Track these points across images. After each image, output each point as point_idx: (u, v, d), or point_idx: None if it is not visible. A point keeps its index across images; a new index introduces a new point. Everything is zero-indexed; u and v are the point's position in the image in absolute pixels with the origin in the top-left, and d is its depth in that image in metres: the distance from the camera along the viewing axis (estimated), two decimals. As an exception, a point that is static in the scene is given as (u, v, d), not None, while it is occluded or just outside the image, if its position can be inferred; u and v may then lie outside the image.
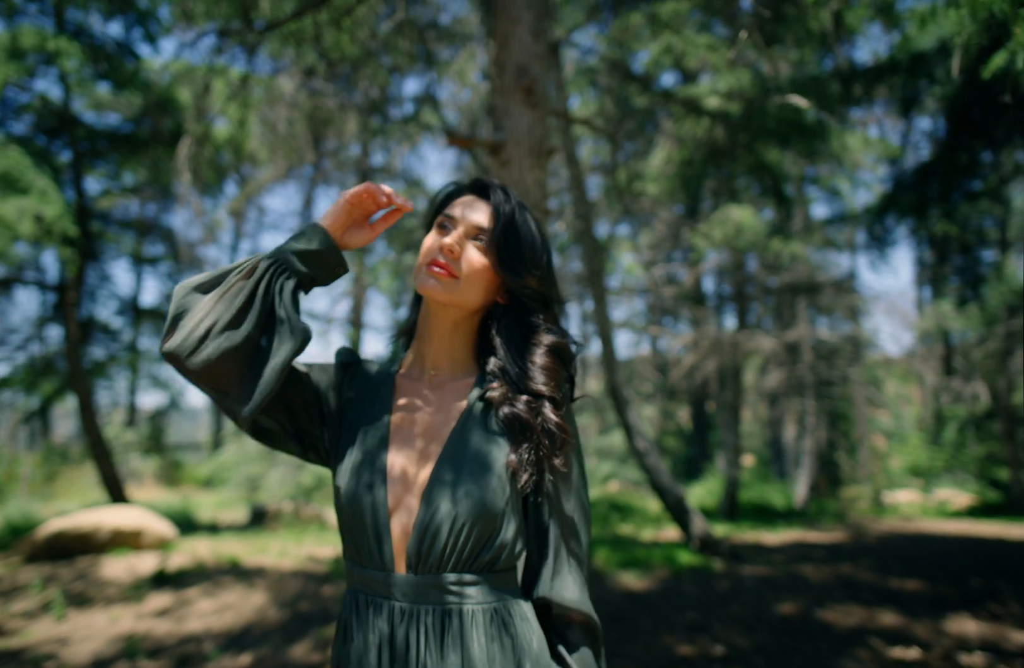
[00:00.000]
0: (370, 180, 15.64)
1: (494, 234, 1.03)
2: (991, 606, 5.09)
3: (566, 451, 1.04)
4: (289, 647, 4.31)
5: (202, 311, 0.89)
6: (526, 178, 3.37)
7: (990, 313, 10.64)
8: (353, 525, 0.99)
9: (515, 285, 1.05)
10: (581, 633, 1.01)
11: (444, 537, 0.95)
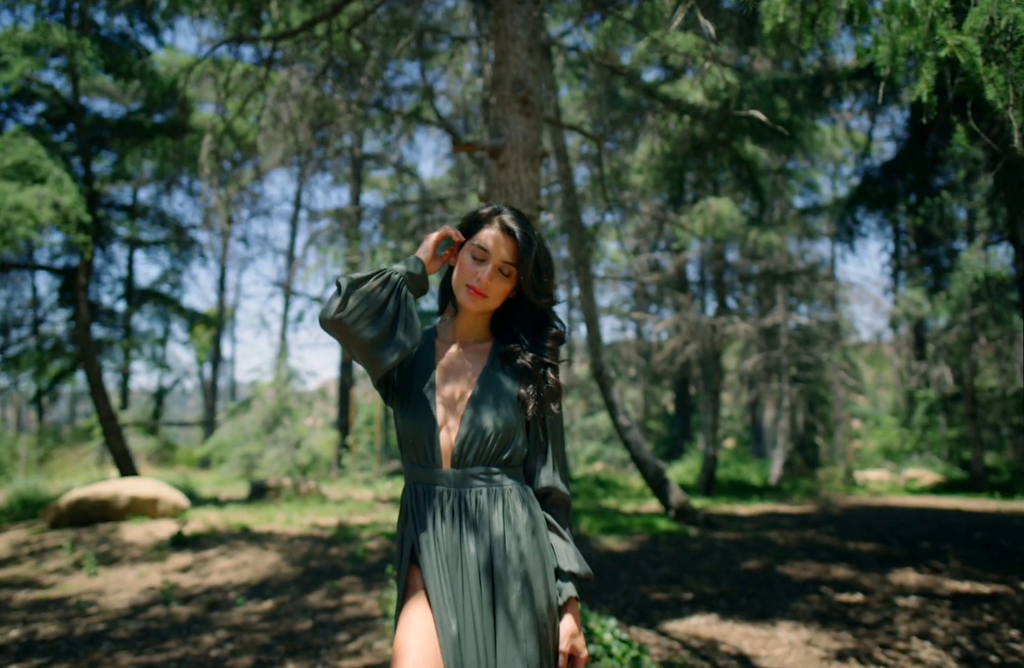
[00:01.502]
0: (363, 168, 15.96)
1: (522, 269, 1.48)
2: (933, 563, 5.67)
3: (559, 401, 1.54)
4: (306, 595, 4.80)
5: (357, 299, 1.35)
6: (522, 179, 3.84)
7: (957, 301, 11.23)
8: (414, 438, 1.46)
9: (533, 298, 1.52)
10: (563, 508, 1.53)
11: (478, 444, 1.43)
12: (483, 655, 1.34)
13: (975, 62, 2.14)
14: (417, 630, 1.36)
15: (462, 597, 1.37)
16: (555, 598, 1.42)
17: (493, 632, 1.36)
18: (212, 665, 3.49)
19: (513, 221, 1.50)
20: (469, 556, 1.38)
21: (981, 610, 4.30)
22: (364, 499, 10.19)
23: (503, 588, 1.37)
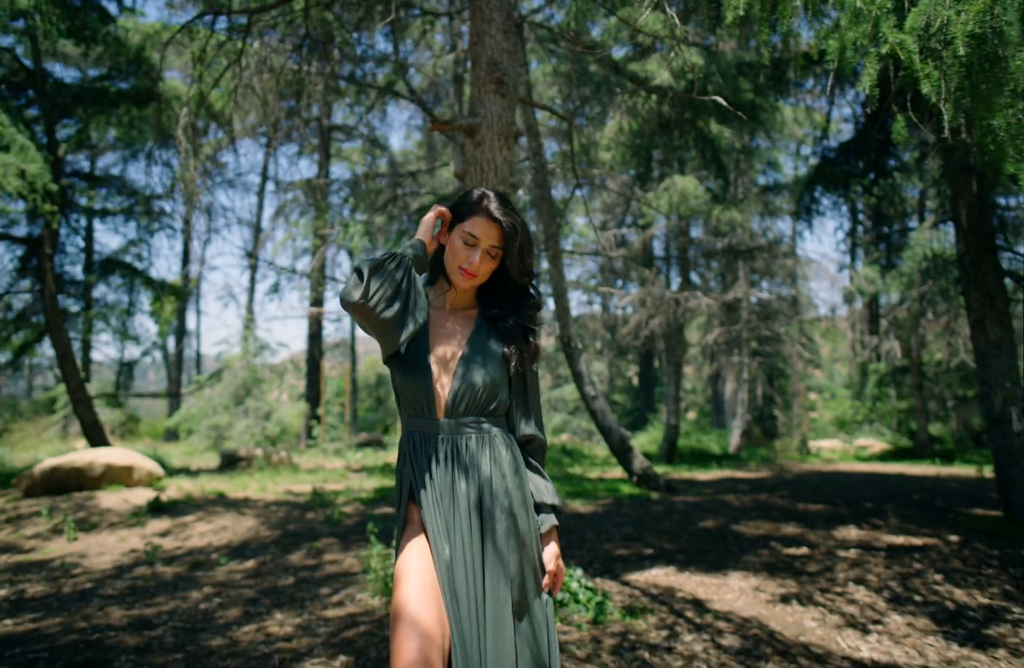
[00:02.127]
0: (331, 140, 15.80)
1: (507, 252, 1.67)
2: (874, 520, 6.11)
3: (536, 360, 1.76)
4: (286, 555, 5.02)
5: (378, 283, 1.53)
6: (496, 157, 4.00)
7: (907, 278, 11.72)
8: (412, 393, 1.66)
9: (517, 276, 1.72)
10: (541, 452, 1.76)
11: (468, 396, 1.64)
12: (472, 577, 1.56)
13: (913, 59, 2.37)
14: (416, 556, 1.59)
15: (454, 528, 1.59)
16: (536, 526, 1.65)
17: (482, 559, 1.58)
18: (202, 617, 3.69)
19: (498, 210, 1.67)
20: (461, 493, 1.60)
21: (911, 559, 4.71)
22: (336, 468, 10.39)
23: (491, 522, 1.59)
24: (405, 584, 1.53)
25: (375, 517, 6.05)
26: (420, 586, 1.53)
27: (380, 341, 1.62)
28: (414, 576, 1.55)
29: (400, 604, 1.51)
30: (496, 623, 1.53)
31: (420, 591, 1.52)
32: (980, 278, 6.34)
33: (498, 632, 1.53)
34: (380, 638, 3.25)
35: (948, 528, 5.74)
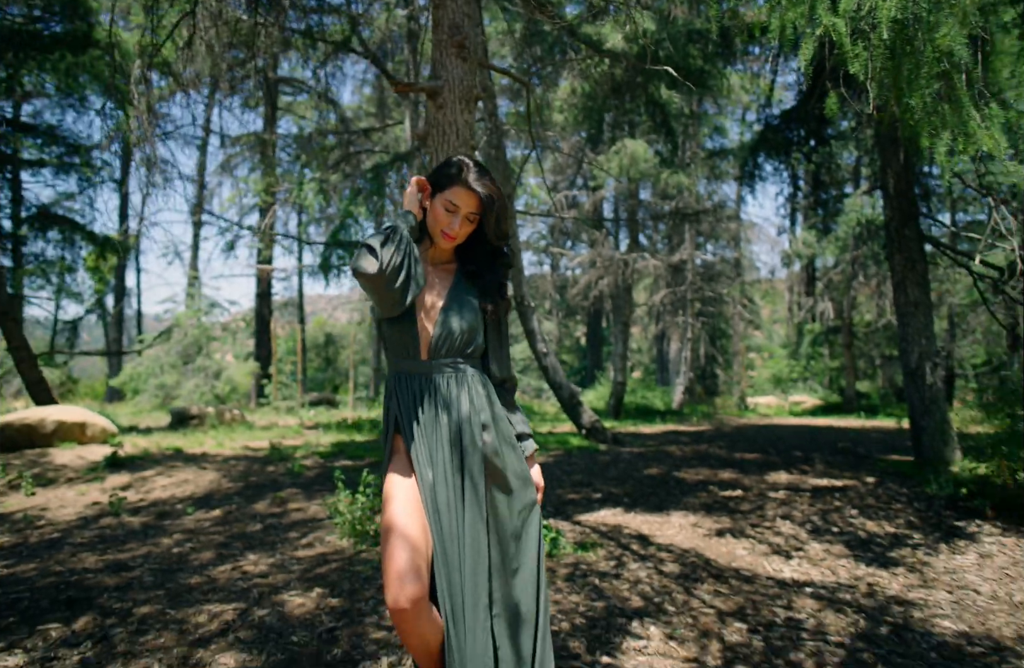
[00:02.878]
0: (277, 92, 15.33)
1: (485, 218, 1.85)
2: (802, 466, 6.64)
3: (508, 312, 1.98)
4: (251, 504, 5.20)
5: (388, 256, 1.70)
6: (458, 120, 4.12)
7: (842, 242, 12.29)
8: (399, 337, 1.86)
9: (493, 240, 1.91)
10: (512, 390, 1.99)
11: (448, 341, 1.84)
12: (453, 497, 1.79)
13: (844, 41, 2.60)
14: (402, 480, 1.81)
15: (436, 455, 1.81)
16: (511, 446, 1.88)
17: (461, 491, 1.81)
18: (177, 559, 3.88)
19: (477, 181, 1.84)
20: (442, 424, 1.83)
21: (832, 498, 5.21)
22: (290, 425, 10.51)
23: (468, 457, 1.81)
24: (393, 503, 1.76)
25: (335, 469, 6.25)
26: (406, 504, 1.76)
27: (385, 305, 1.79)
28: (401, 496, 1.78)
29: (390, 520, 1.73)
30: (472, 536, 1.77)
31: (406, 509, 1.75)
32: (903, 243, 6.80)
33: (475, 543, 1.77)
34: (351, 573, 3.51)
35: (866, 472, 6.30)
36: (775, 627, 2.86)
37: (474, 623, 1.72)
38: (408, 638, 1.69)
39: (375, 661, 2.55)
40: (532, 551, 1.84)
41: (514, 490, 1.84)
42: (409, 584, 1.63)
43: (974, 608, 3.12)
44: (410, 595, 1.62)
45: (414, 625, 1.66)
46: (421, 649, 1.71)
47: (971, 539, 4.18)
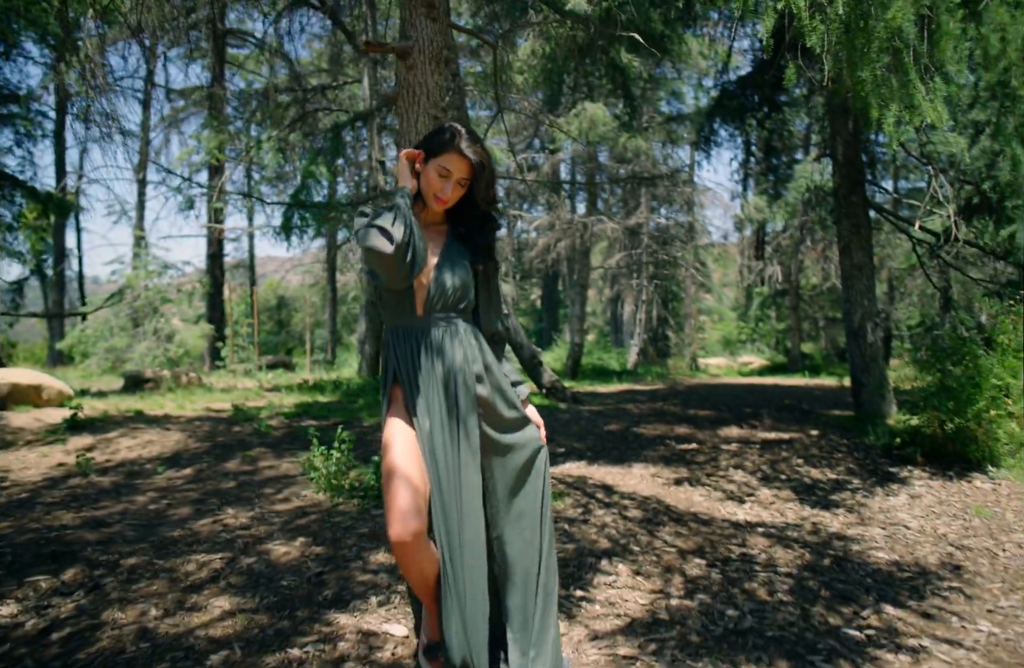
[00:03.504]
0: (224, 43, 14.71)
1: (475, 183, 1.95)
2: (752, 421, 7.02)
3: (497, 271, 2.10)
4: (222, 463, 5.27)
5: (398, 234, 1.79)
6: (428, 81, 4.13)
7: (791, 207, 12.63)
8: (397, 294, 1.98)
9: (482, 204, 2.02)
10: (503, 343, 2.12)
11: (442, 297, 1.96)
12: (450, 446, 1.93)
13: (802, 15, 2.73)
14: (400, 428, 1.94)
15: (433, 405, 1.95)
16: (505, 389, 2.03)
17: (456, 436, 1.95)
18: (155, 515, 3.96)
19: (469, 148, 1.94)
20: (437, 375, 1.95)
21: (780, 449, 5.56)
22: (249, 388, 10.48)
23: (462, 404, 1.95)
24: (393, 448, 1.90)
25: (302, 428, 6.34)
26: (405, 450, 1.90)
27: (394, 280, 1.89)
28: (400, 442, 1.91)
29: (391, 464, 1.87)
30: (466, 477, 1.93)
31: (406, 454, 1.89)
32: (850, 209, 7.11)
33: (468, 484, 1.93)
34: (331, 524, 3.65)
35: (810, 425, 6.70)
36: (731, 562, 3.13)
37: (469, 557, 1.89)
38: (408, 569, 1.85)
39: (364, 600, 2.72)
40: (538, 489, 2.01)
41: (512, 431, 1.99)
42: (411, 520, 1.78)
43: (904, 541, 3.46)
44: (412, 530, 1.78)
45: (414, 557, 1.82)
46: (419, 579, 1.88)
47: (903, 483, 4.56)
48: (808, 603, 2.69)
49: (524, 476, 2.00)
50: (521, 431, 2.02)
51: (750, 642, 2.35)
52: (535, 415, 2.10)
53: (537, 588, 1.98)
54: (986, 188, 5.91)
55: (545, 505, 2.02)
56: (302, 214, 7.12)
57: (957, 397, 5.02)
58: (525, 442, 2.01)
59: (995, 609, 2.66)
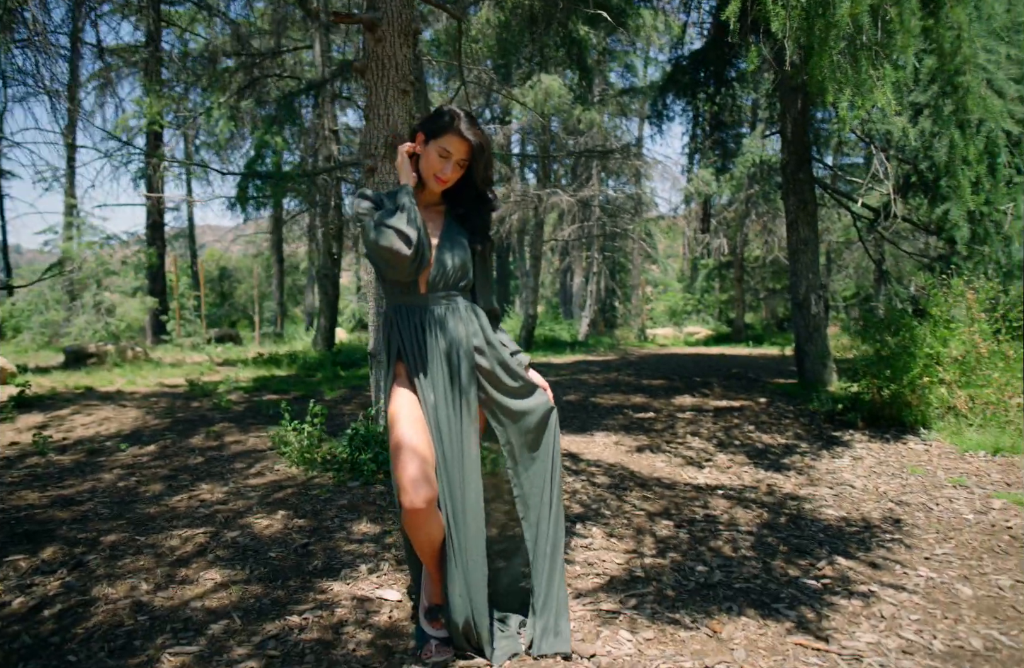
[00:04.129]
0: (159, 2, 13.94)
1: (473, 164, 2.01)
2: (703, 390, 7.32)
3: (492, 250, 2.19)
4: (186, 439, 5.23)
5: (414, 233, 1.90)
6: (397, 54, 4.12)
7: (737, 181, 12.97)
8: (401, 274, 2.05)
9: (480, 184, 2.08)
10: (496, 318, 2.22)
11: (444, 277, 2.04)
12: (454, 418, 2.03)
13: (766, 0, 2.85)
14: (406, 401, 2.03)
15: (436, 379, 2.04)
16: (514, 361, 2.14)
17: (459, 409, 2.05)
18: (126, 493, 3.94)
19: (469, 130, 2.00)
20: (440, 350, 2.04)
21: (732, 416, 5.85)
22: (199, 362, 10.28)
23: (464, 377, 2.04)
24: (400, 422, 1.98)
25: (263, 403, 6.32)
26: (412, 423, 1.99)
27: (401, 275, 1.98)
28: (406, 415, 2.00)
29: (400, 436, 1.96)
30: (467, 447, 2.03)
31: (413, 426, 1.99)
32: (798, 185, 7.37)
33: (468, 452, 2.04)
34: (310, 497, 3.72)
35: (758, 393, 7.04)
36: (696, 522, 3.35)
37: (472, 524, 2.01)
38: (417, 535, 1.96)
39: (354, 568, 2.82)
40: (549, 448, 2.14)
41: (523, 398, 2.11)
42: (423, 488, 1.88)
43: (850, 499, 3.75)
44: (424, 496, 1.88)
45: (425, 523, 1.92)
46: (427, 544, 1.99)
47: (846, 446, 4.89)
48: (769, 557, 2.92)
49: (539, 437, 2.13)
50: (531, 396, 2.13)
51: (720, 594, 2.56)
52: (539, 379, 2.21)
53: (548, 538, 2.13)
54: (923, 168, 6.23)
55: (556, 462, 2.16)
56: (258, 184, 6.93)
57: (893, 365, 5.37)
58: (535, 406, 2.13)
59: (931, 557, 2.95)
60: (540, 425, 2.14)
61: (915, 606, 2.48)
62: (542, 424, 2.15)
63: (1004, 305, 5.54)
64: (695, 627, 2.30)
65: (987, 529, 3.28)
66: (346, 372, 8.41)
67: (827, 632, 2.27)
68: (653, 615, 2.39)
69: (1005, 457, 4.55)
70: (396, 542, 3.10)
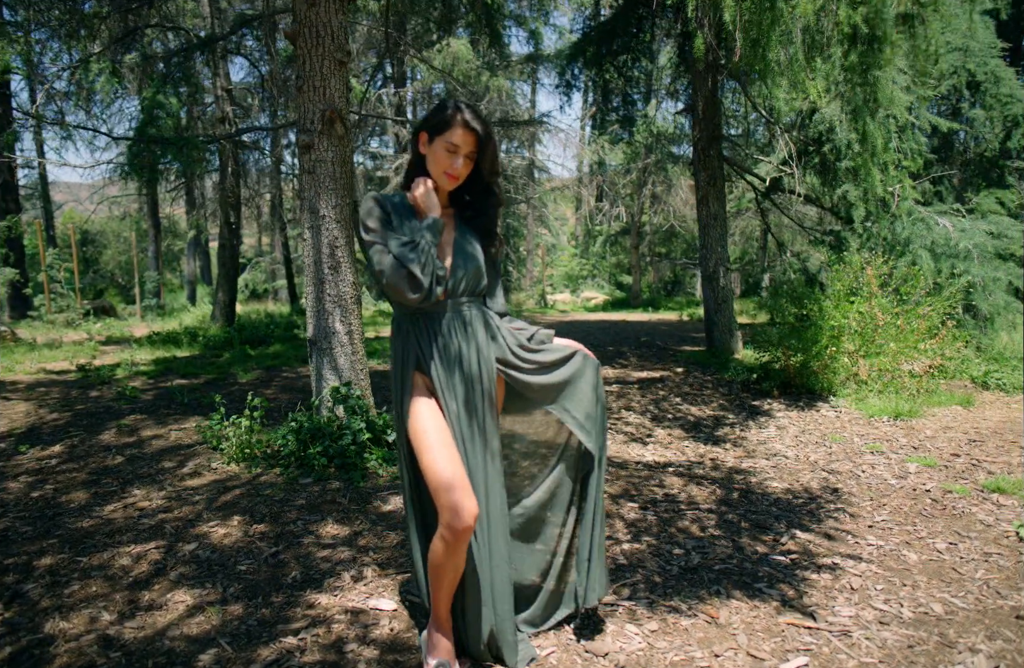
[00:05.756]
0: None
1: (481, 156, 1.93)
2: (620, 361, 7.54)
3: (502, 250, 2.11)
4: (95, 436, 4.79)
5: (428, 278, 1.82)
6: (333, 21, 3.82)
7: (634, 150, 13.21)
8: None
9: (487, 176, 1.99)
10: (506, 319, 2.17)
11: (463, 283, 1.95)
12: (477, 426, 1.97)
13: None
14: (429, 415, 1.94)
15: (458, 388, 1.95)
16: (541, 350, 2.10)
17: (482, 418, 1.98)
18: (45, 504, 3.57)
19: (474, 120, 1.91)
20: (462, 358, 1.96)
21: (656, 388, 6.08)
22: (80, 341, 9.41)
23: (487, 386, 1.97)
24: (430, 436, 1.90)
25: (176, 389, 5.90)
26: (442, 435, 1.92)
27: (405, 306, 1.95)
28: (434, 429, 1.92)
29: (435, 453, 1.88)
30: (490, 453, 1.99)
31: (443, 440, 1.92)
32: (708, 162, 7.61)
33: (491, 458, 1.99)
34: (262, 497, 3.53)
35: (673, 362, 7.35)
36: (659, 503, 3.48)
37: (498, 527, 1.99)
38: (455, 556, 1.90)
39: (337, 577, 2.72)
40: (598, 401, 2.13)
41: (559, 367, 2.08)
42: (472, 505, 1.84)
43: (788, 470, 4.03)
44: (474, 514, 1.84)
45: (465, 542, 1.88)
46: (452, 571, 1.95)
47: (768, 416, 5.22)
48: (735, 535, 3.09)
49: (594, 397, 2.12)
50: (567, 363, 2.10)
51: (704, 577, 2.69)
52: (570, 342, 2.18)
53: (595, 506, 2.14)
54: (826, 150, 6.59)
55: (602, 416, 2.16)
56: (156, 151, 6.20)
57: (803, 337, 5.75)
58: (577, 368, 2.11)
59: (873, 524, 3.23)
60: (593, 385, 2.13)
61: (875, 576, 2.71)
62: (593, 383, 2.13)
63: (896, 280, 6.03)
64: (693, 614, 2.41)
65: (910, 493, 3.63)
66: (255, 351, 7.97)
67: (810, 608, 2.44)
68: (651, 605, 2.48)
69: (904, 421, 5.02)
70: (370, 544, 3.02)
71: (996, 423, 4.97)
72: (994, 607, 2.46)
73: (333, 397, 4.08)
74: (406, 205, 2.02)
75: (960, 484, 3.73)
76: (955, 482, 3.78)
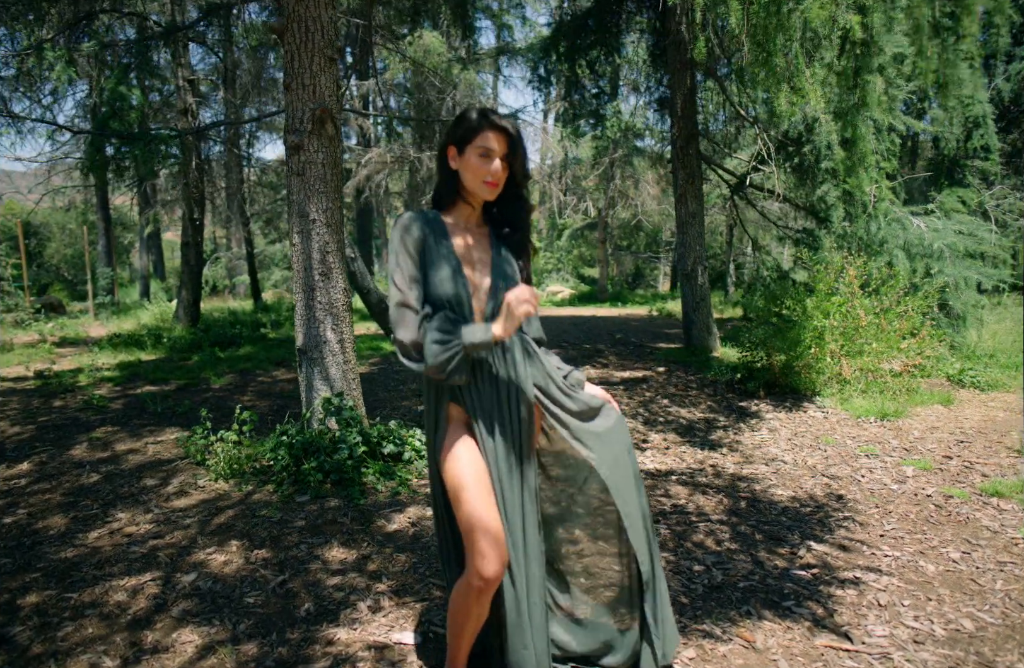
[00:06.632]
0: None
1: (515, 161, 1.83)
2: (600, 360, 7.50)
3: (532, 261, 2.02)
4: (66, 452, 4.52)
5: (444, 376, 1.73)
6: (322, 15, 3.63)
7: (603, 144, 13.16)
8: (455, 307, 1.81)
9: (520, 179, 1.88)
10: (544, 345, 2.05)
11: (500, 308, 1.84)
12: (515, 461, 1.86)
13: (727, 0, 2.82)
14: (466, 450, 1.83)
15: (494, 421, 1.85)
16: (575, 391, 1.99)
17: (520, 447, 1.88)
18: (20, 532, 3.33)
19: (502, 121, 1.82)
20: (499, 390, 1.85)
21: (642, 389, 6.05)
22: (32, 343, 8.95)
23: (526, 420, 1.88)
24: (467, 476, 1.79)
25: (146, 396, 5.62)
26: (481, 475, 1.81)
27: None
28: (471, 469, 1.81)
29: (473, 494, 1.77)
30: (527, 488, 1.89)
31: (480, 479, 1.81)
32: (686, 160, 7.59)
33: (528, 494, 1.89)
34: (259, 519, 3.36)
35: (653, 361, 7.34)
36: (669, 515, 3.43)
37: (535, 565, 1.90)
38: (483, 604, 1.81)
39: (353, 608, 2.59)
40: (632, 462, 2.00)
41: (592, 419, 1.97)
42: (503, 554, 1.75)
43: (789, 475, 4.03)
44: (504, 561, 1.75)
45: (495, 588, 1.79)
46: (476, 619, 1.86)
47: (758, 417, 5.23)
48: (752, 549, 3.06)
49: (625, 454, 1.99)
50: (601, 416, 2.00)
51: (731, 596, 2.64)
52: (599, 392, 2.08)
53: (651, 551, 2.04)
54: (806, 150, 6.62)
55: (636, 469, 2.03)
56: (120, 147, 5.82)
57: (786, 337, 5.78)
58: (612, 424, 1.99)
59: (884, 533, 3.24)
60: (622, 441, 2.03)
61: (899, 590, 2.70)
62: (623, 440, 2.03)
63: (875, 280, 6.11)
64: (728, 639, 2.36)
65: (913, 499, 3.66)
66: (224, 353, 7.67)
67: (843, 628, 2.42)
68: (684, 629, 2.42)
69: (891, 421, 5.09)
70: (381, 569, 2.89)
71: (978, 422, 5.08)
72: (1020, 621, 2.48)
73: (325, 409, 3.92)
74: (440, 223, 1.91)
75: (959, 488, 3.78)
76: (953, 486, 3.83)
